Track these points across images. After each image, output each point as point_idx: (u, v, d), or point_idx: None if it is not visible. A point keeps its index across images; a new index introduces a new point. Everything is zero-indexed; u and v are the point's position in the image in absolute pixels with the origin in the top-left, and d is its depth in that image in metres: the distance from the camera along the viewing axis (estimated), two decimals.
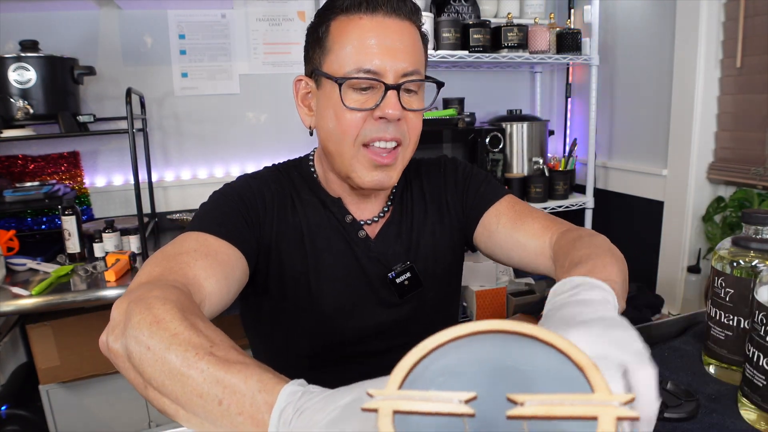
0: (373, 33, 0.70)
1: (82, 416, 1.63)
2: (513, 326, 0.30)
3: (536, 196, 2.10)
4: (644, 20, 1.95)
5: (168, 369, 0.43)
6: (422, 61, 0.75)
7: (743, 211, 0.66)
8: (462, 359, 0.31)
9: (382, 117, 0.70)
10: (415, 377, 0.30)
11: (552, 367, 0.29)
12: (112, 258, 1.55)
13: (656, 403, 0.35)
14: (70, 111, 1.64)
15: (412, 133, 0.75)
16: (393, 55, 0.70)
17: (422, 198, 0.87)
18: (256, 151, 2.16)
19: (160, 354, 0.43)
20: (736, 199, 1.67)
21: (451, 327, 0.30)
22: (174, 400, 0.43)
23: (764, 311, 0.55)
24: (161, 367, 0.43)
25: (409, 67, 0.71)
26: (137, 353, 0.45)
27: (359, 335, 0.81)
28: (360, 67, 0.69)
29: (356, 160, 0.73)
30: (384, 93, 0.70)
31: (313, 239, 0.79)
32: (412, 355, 0.30)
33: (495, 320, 0.30)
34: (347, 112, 0.70)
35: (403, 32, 0.72)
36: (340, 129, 0.71)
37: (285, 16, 2.09)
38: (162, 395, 0.44)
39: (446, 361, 0.31)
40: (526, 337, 0.30)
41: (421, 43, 0.76)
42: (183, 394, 0.42)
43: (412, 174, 0.89)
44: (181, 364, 0.42)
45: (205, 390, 0.41)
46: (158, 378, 0.43)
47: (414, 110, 0.74)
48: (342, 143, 0.72)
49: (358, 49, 0.69)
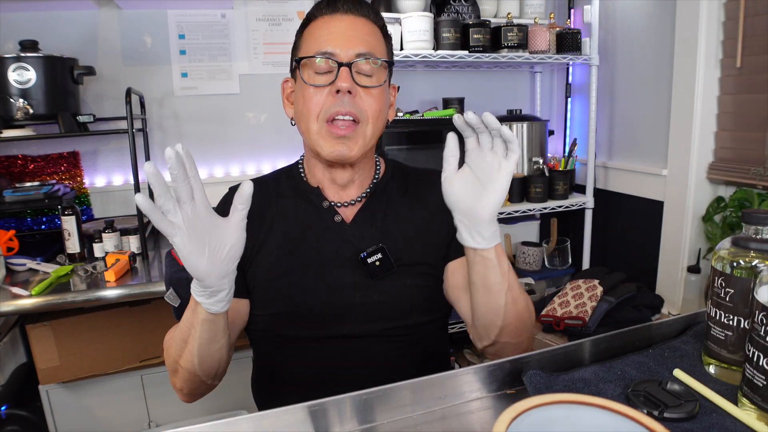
0: (331, 26, 0.83)
1: (82, 416, 1.63)
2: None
3: (536, 196, 2.10)
4: (644, 20, 1.95)
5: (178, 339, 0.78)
6: (380, 49, 0.86)
7: (743, 211, 0.66)
8: None
9: (338, 91, 0.80)
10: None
11: None
12: (111, 258, 1.55)
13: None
14: (70, 111, 1.64)
15: (369, 110, 0.83)
16: (346, 40, 0.82)
17: (404, 195, 0.94)
18: (256, 151, 2.16)
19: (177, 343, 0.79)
20: (736, 199, 1.67)
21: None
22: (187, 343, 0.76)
23: (764, 311, 0.55)
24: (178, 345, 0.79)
25: (361, 50, 0.82)
26: (172, 354, 0.81)
27: (334, 315, 0.86)
28: (318, 51, 0.82)
29: (320, 135, 0.83)
30: (338, 70, 0.81)
31: (289, 229, 0.89)
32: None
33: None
34: (309, 89, 0.82)
35: (358, 24, 0.84)
36: (306, 107, 0.83)
37: (285, 16, 2.09)
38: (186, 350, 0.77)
39: None
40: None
41: (379, 38, 0.87)
42: (179, 336, 0.78)
43: (399, 174, 0.97)
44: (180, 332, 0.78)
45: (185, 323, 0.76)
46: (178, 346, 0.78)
47: (367, 86, 0.83)
48: (309, 120, 0.83)
49: (317, 38, 0.83)
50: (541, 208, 2.10)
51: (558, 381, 0.65)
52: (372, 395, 0.63)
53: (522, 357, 0.69)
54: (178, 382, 0.82)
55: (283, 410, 0.61)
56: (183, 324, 0.77)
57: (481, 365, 0.68)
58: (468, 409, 0.66)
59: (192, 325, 0.74)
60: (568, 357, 0.72)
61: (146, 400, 1.69)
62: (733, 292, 0.64)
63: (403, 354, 0.88)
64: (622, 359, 0.71)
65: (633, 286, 1.68)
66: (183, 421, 1.72)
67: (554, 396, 0.47)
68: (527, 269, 2.29)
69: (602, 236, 2.23)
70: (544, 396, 0.47)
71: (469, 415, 0.64)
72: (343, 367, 0.87)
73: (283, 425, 0.60)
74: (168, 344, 0.82)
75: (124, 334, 1.60)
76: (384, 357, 0.88)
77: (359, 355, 0.87)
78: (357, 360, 0.87)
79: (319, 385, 0.87)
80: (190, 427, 0.58)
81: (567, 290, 1.71)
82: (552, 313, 1.64)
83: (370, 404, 0.63)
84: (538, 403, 0.46)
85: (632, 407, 0.48)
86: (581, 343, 0.74)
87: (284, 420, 0.61)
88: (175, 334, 0.79)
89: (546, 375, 0.66)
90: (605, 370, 0.68)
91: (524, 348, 0.84)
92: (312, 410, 0.61)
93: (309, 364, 0.88)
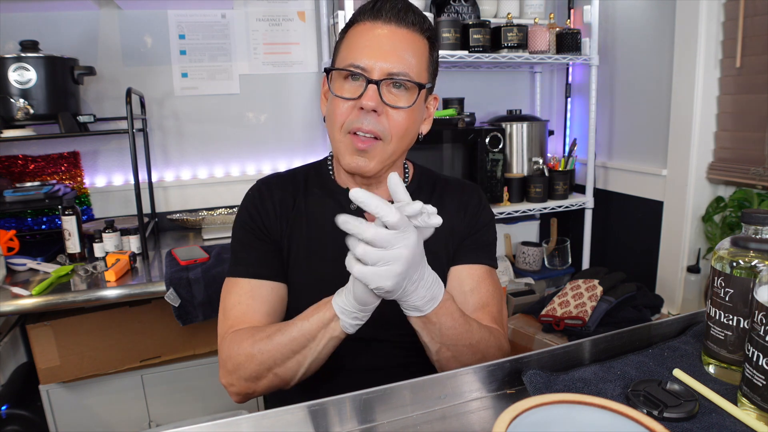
0: (369, 36, 0.80)
1: (82, 416, 1.63)
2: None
3: (536, 196, 2.10)
4: (644, 20, 1.95)
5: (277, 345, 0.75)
6: (415, 66, 0.81)
7: (743, 211, 0.66)
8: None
9: (363, 108, 0.79)
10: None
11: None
12: (112, 258, 1.55)
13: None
14: (70, 111, 1.64)
15: (393, 129, 0.81)
16: (381, 55, 0.79)
17: (429, 202, 0.91)
18: (256, 151, 2.16)
19: (275, 346, 0.76)
20: (735, 199, 1.67)
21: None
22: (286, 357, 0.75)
23: (764, 311, 0.55)
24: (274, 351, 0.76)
25: (395, 68, 0.79)
26: (265, 362, 0.76)
27: None
28: (351, 63, 0.80)
29: (342, 144, 0.83)
30: (366, 86, 0.79)
31: (314, 227, 0.89)
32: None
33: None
34: (336, 100, 0.81)
35: (398, 37, 0.80)
36: (332, 115, 0.82)
37: (285, 16, 2.09)
38: (280, 363, 0.76)
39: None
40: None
41: (421, 51, 0.83)
42: (284, 336, 0.75)
43: (426, 182, 0.97)
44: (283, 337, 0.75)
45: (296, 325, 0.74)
46: (273, 356, 0.76)
47: (395, 106, 0.80)
48: (333, 128, 0.83)
49: (353, 48, 0.81)
50: (540, 208, 2.10)
51: (558, 381, 0.65)
52: (372, 395, 0.63)
53: (522, 357, 0.69)
54: (258, 388, 0.78)
55: (283, 410, 0.61)
56: (297, 334, 0.74)
57: (480, 365, 0.68)
58: (468, 409, 0.66)
59: (314, 338, 0.73)
60: (568, 357, 0.72)
61: (146, 400, 1.70)
62: (733, 292, 0.64)
63: (413, 362, 0.89)
64: (621, 359, 0.71)
65: (633, 286, 1.68)
66: (183, 421, 1.72)
67: (554, 396, 0.47)
68: (527, 269, 2.29)
69: (602, 236, 2.23)
70: (544, 396, 0.47)
71: (469, 415, 0.64)
72: (354, 368, 0.88)
73: (283, 425, 0.61)
74: (253, 351, 0.76)
75: (124, 334, 1.60)
76: (394, 362, 0.89)
77: (370, 359, 0.88)
78: (367, 363, 0.88)
79: (328, 385, 0.88)
80: (190, 427, 0.58)
81: (567, 290, 1.71)
82: (552, 313, 1.64)
83: (370, 404, 0.63)
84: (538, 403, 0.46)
85: (632, 407, 0.49)
86: (581, 343, 0.74)
87: (284, 420, 0.61)
88: (273, 343, 0.75)
89: (546, 375, 0.66)
90: (605, 370, 0.68)
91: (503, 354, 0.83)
92: (312, 410, 0.61)
93: (329, 364, 0.86)
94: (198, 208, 2.09)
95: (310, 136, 2.21)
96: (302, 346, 0.74)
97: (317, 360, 0.76)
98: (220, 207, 2.10)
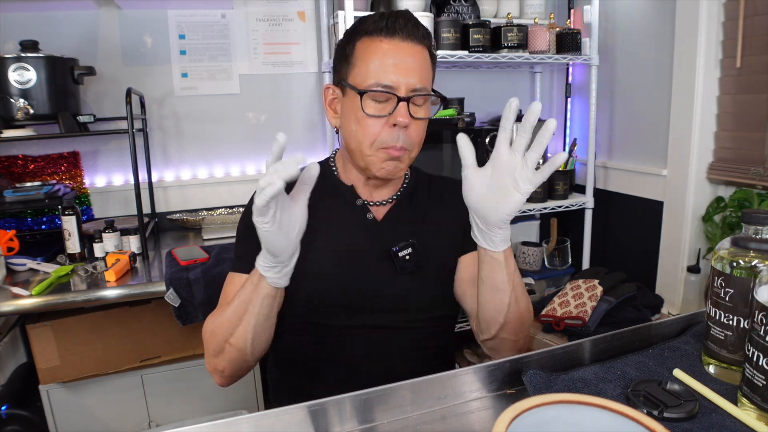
0: (390, 54, 0.85)
1: (82, 416, 1.63)
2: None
3: (536, 196, 2.10)
4: (644, 20, 1.95)
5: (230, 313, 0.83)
6: (430, 78, 0.90)
7: (743, 211, 0.66)
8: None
9: (395, 124, 0.85)
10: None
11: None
12: (112, 258, 1.55)
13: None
14: (70, 111, 1.64)
15: (416, 139, 0.90)
16: (405, 73, 0.85)
17: (428, 199, 1.01)
18: (256, 151, 2.16)
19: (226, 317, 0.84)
20: (735, 199, 1.67)
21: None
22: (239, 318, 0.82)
23: (764, 311, 0.55)
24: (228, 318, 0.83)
25: (418, 84, 0.86)
26: (221, 334, 0.85)
27: (361, 307, 0.92)
28: (379, 82, 0.85)
29: (374, 158, 0.89)
30: (396, 104, 0.85)
31: (321, 223, 0.91)
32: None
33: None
34: (367, 119, 0.86)
35: (415, 54, 0.87)
36: (362, 132, 0.87)
37: (285, 16, 2.09)
38: (238, 326, 0.82)
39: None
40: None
41: (429, 63, 0.91)
42: (231, 310, 0.82)
43: (423, 179, 1.04)
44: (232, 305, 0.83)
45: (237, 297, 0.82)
46: (230, 322, 0.83)
47: (420, 119, 0.89)
48: (362, 144, 0.88)
49: (378, 67, 0.85)
50: (540, 208, 2.10)
51: (558, 381, 0.65)
52: (372, 395, 0.63)
53: (522, 357, 0.69)
54: (221, 363, 0.86)
55: (282, 410, 0.61)
56: (238, 302, 0.81)
57: (481, 365, 0.68)
58: (468, 409, 0.66)
59: (250, 301, 0.80)
60: (568, 357, 0.72)
61: (146, 400, 1.70)
62: (733, 292, 0.64)
63: (422, 347, 0.95)
64: (622, 359, 0.71)
65: (633, 286, 1.67)
66: (183, 421, 1.72)
67: (554, 396, 0.47)
68: (527, 269, 2.29)
69: (602, 236, 2.23)
70: (544, 396, 0.47)
71: (469, 415, 0.64)
72: (365, 356, 0.92)
73: (283, 425, 0.61)
74: (213, 327, 0.86)
75: (124, 334, 1.60)
76: (403, 348, 0.94)
77: (381, 345, 0.93)
78: (378, 350, 0.93)
79: (340, 372, 0.93)
80: (190, 427, 0.58)
81: (567, 290, 1.71)
82: (552, 313, 1.63)
83: (370, 404, 0.63)
84: (538, 403, 0.46)
85: (632, 407, 0.49)
86: (581, 343, 0.74)
87: (284, 420, 0.61)
88: (224, 316, 0.83)
89: (546, 375, 0.66)
90: (605, 370, 0.68)
91: (521, 345, 0.89)
92: (312, 410, 0.61)
93: (334, 353, 0.93)
94: (198, 208, 2.09)
95: (310, 136, 2.21)
96: (244, 311, 0.81)
97: (260, 322, 0.81)
98: (220, 207, 2.10)
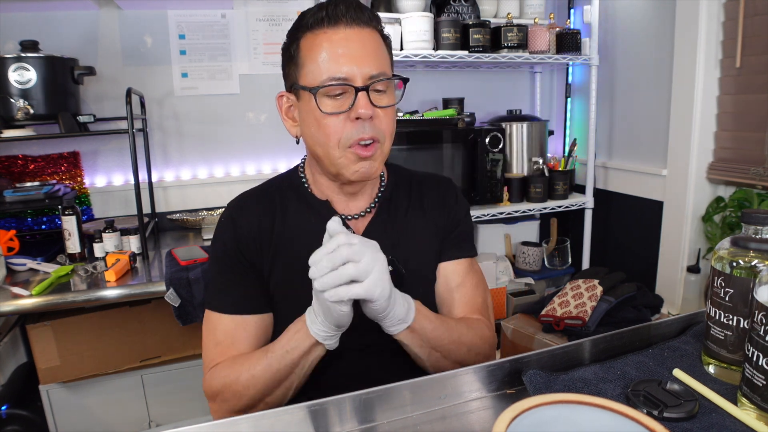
0: (338, 44, 0.77)
1: (82, 416, 1.63)
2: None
3: (536, 196, 2.10)
4: (644, 20, 1.95)
5: (259, 374, 0.77)
6: (387, 62, 0.83)
7: (743, 211, 0.66)
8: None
9: (358, 117, 0.77)
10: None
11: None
12: (112, 258, 1.55)
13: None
14: (70, 111, 1.64)
15: (386, 129, 0.82)
16: (359, 61, 0.77)
17: (408, 203, 0.93)
18: (256, 151, 2.16)
19: (253, 376, 0.78)
20: (735, 199, 1.67)
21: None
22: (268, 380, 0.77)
23: (764, 311, 0.55)
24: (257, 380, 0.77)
25: (374, 70, 0.78)
26: (255, 396, 0.78)
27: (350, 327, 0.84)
28: (331, 76, 0.77)
29: (344, 159, 0.80)
30: (355, 95, 0.77)
31: (300, 244, 0.85)
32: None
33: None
34: (326, 118, 0.78)
35: (365, 39, 0.79)
36: (324, 134, 0.79)
37: (285, 16, 2.09)
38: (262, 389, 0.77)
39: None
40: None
41: (383, 46, 0.83)
42: (267, 370, 0.76)
43: (402, 181, 0.95)
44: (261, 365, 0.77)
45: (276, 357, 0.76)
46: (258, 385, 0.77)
47: (384, 107, 0.81)
48: (328, 146, 0.80)
49: (327, 61, 0.77)
50: (540, 208, 2.10)
51: (558, 381, 0.65)
52: (372, 395, 0.63)
53: (522, 357, 0.69)
54: (240, 411, 0.79)
55: (282, 410, 0.61)
56: (278, 366, 0.76)
57: (480, 365, 0.68)
58: (468, 408, 0.66)
59: (298, 364, 0.76)
60: (568, 357, 0.72)
61: (146, 400, 1.70)
62: (733, 292, 0.64)
63: (411, 364, 0.86)
64: (621, 359, 0.71)
65: (633, 286, 1.67)
66: (183, 421, 1.72)
67: (554, 396, 0.47)
68: (527, 269, 2.29)
69: (602, 236, 2.23)
70: (544, 396, 0.47)
71: (469, 415, 0.64)
72: (352, 377, 0.84)
73: (282, 425, 0.61)
74: (244, 385, 0.78)
75: (124, 334, 1.60)
76: (390, 368, 0.85)
77: (366, 366, 0.86)
78: (363, 371, 0.86)
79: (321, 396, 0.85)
80: (190, 427, 0.58)
81: (567, 290, 1.71)
82: (552, 313, 1.63)
83: (370, 404, 0.63)
84: (538, 403, 0.46)
85: (632, 407, 0.49)
86: (581, 343, 0.74)
87: (284, 420, 0.61)
88: (258, 379, 0.77)
89: (546, 375, 0.66)
90: (605, 370, 0.68)
91: (492, 341, 0.89)
92: (312, 410, 0.61)
93: (315, 376, 0.84)
94: (198, 208, 2.09)
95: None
96: (288, 374, 0.76)
97: (303, 379, 0.78)
98: (220, 207, 2.10)
